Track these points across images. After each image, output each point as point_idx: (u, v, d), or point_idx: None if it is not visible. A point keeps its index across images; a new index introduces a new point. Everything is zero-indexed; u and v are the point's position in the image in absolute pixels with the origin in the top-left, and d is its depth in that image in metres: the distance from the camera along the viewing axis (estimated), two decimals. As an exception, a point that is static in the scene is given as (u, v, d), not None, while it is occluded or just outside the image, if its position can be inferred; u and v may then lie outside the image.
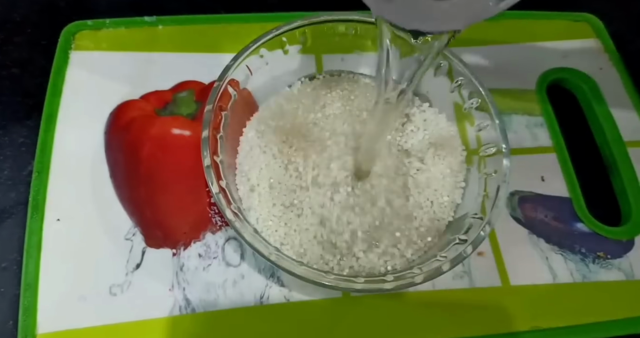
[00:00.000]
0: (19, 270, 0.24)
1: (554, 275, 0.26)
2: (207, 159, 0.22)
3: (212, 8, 0.33)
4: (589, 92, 0.32)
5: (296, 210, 0.24)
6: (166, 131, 0.28)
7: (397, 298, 0.25)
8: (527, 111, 0.31)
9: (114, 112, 0.28)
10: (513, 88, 0.31)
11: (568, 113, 0.32)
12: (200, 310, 0.24)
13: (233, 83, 0.24)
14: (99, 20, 0.31)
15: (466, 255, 0.21)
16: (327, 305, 0.24)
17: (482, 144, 0.25)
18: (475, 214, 0.23)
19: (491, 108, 0.24)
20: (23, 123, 0.28)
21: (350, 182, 0.24)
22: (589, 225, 0.27)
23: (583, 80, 0.32)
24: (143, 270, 0.24)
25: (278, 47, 0.25)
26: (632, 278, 0.26)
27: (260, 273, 0.25)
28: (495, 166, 0.23)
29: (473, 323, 0.24)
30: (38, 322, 0.23)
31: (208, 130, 0.22)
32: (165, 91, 0.29)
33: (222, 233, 0.26)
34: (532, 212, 0.28)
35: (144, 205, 0.26)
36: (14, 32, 0.31)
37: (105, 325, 0.23)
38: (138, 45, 0.31)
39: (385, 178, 0.25)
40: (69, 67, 0.29)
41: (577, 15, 0.35)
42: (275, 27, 0.25)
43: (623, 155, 0.30)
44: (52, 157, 0.27)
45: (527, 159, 0.29)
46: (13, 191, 0.26)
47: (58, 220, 0.25)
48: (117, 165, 0.27)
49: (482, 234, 0.21)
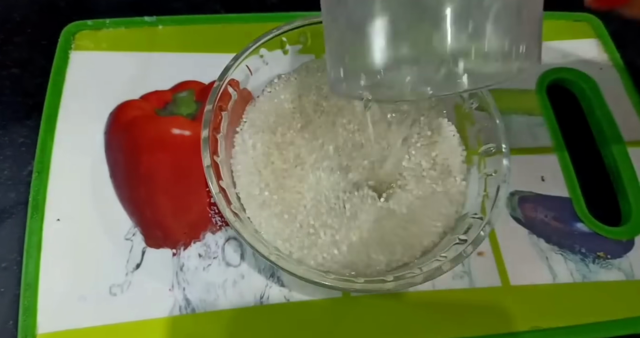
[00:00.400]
0: (19, 270, 0.24)
1: (554, 275, 0.26)
2: (207, 159, 0.22)
3: (212, 8, 0.34)
4: (589, 92, 0.32)
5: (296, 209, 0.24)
6: (166, 131, 0.28)
7: (397, 298, 0.25)
8: (527, 111, 0.31)
9: (114, 112, 0.28)
10: (513, 88, 0.31)
11: (568, 113, 0.32)
12: (200, 310, 0.24)
13: (233, 83, 0.24)
14: (99, 20, 0.31)
15: (466, 255, 0.21)
16: (327, 305, 0.24)
17: (482, 144, 0.25)
18: (475, 214, 0.23)
19: (491, 108, 0.24)
20: (23, 123, 0.28)
21: (350, 181, 0.24)
22: (589, 225, 0.27)
23: (583, 80, 0.32)
24: (143, 270, 0.24)
25: (278, 47, 0.25)
26: (632, 278, 0.26)
27: (260, 273, 0.25)
28: (495, 166, 0.23)
29: (473, 323, 0.25)
30: (38, 322, 0.23)
31: (208, 130, 0.22)
32: (165, 91, 0.29)
33: (222, 233, 0.26)
34: (532, 212, 0.28)
35: (144, 205, 0.26)
36: (14, 32, 0.31)
37: (105, 325, 0.23)
38: (138, 45, 0.31)
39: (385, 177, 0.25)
40: (69, 67, 0.29)
41: (577, 15, 0.35)
42: (275, 27, 0.25)
43: (623, 155, 0.30)
44: (52, 157, 0.27)
45: (527, 159, 0.29)
46: (13, 191, 0.26)
47: (58, 220, 0.25)
48: (117, 165, 0.27)
49: (482, 234, 0.21)
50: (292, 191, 0.24)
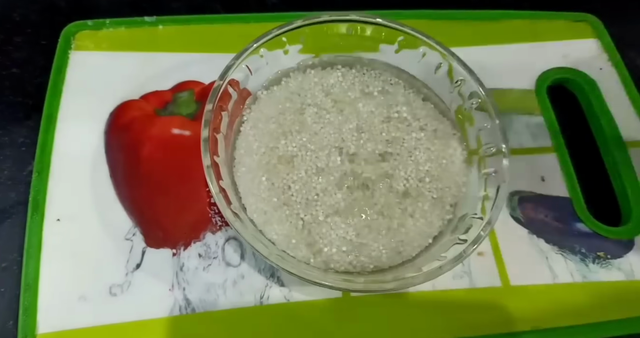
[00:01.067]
0: (19, 270, 0.24)
1: (554, 275, 0.26)
2: (207, 159, 0.22)
3: (212, 8, 0.34)
4: (589, 92, 0.32)
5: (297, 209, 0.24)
6: (166, 131, 0.28)
7: (397, 298, 0.25)
8: (527, 111, 0.31)
9: (114, 112, 0.28)
10: (513, 88, 0.31)
11: (568, 113, 0.32)
12: (200, 310, 0.24)
13: (233, 83, 0.24)
14: (99, 21, 0.31)
15: (466, 255, 0.21)
16: (327, 305, 0.24)
17: (482, 144, 0.25)
18: (475, 214, 0.23)
19: (491, 108, 0.24)
20: (23, 123, 0.28)
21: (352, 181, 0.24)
22: (589, 225, 0.27)
23: (583, 80, 0.32)
24: (143, 270, 0.24)
25: (278, 47, 0.25)
26: (632, 278, 0.26)
27: (260, 273, 0.25)
28: (495, 166, 0.23)
29: (473, 323, 0.24)
30: (38, 322, 0.23)
31: (208, 130, 0.22)
32: (165, 91, 0.29)
33: (222, 233, 0.26)
34: (532, 212, 0.28)
35: (144, 205, 0.26)
36: (14, 32, 0.31)
37: (105, 325, 0.23)
38: (138, 45, 0.31)
39: (385, 177, 0.25)
40: (69, 67, 0.29)
41: (577, 15, 0.35)
42: (275, 27, 0.25)
43: (623, 155, 0.30)
44: (52, 157, 0.27)
45: (527, 159, 0.29)
46: (13, 191, 0.26)
47: (58, 220, 0.25)
48: (117, 165, 0.27)
49: (482, 234, 0.21)
50: (294, 191, 0.24)
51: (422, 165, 0.25)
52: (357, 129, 0.26)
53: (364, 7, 0.33)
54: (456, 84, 0.25)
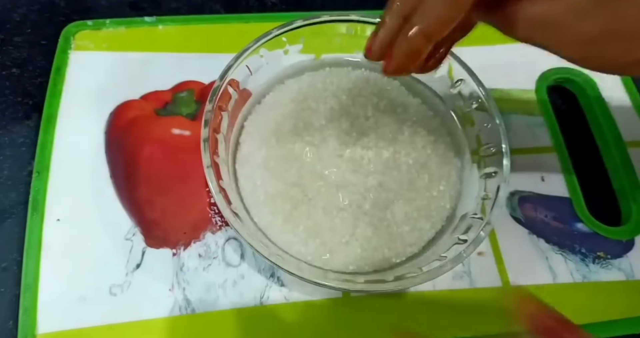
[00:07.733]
0: (19, 270, 0.24)
1: (554, 275, 0.26)
2: (207, 159, 0.22)
3: (212, 8, 0.34)
4: (589, 92, 0.32)
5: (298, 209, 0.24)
6: (166, 131, 0.28)
7: (397, 298, 0.25)
8: (527, 111, 0.31)
9: (114, 112, 0.28)
10: (513, 88, 0.32)
11: (568, 113, 0.32)
12: (200, 310, 0.24)
13: (233, 83, 0.24)
14: (99, 20, 0.31)
15: (466, 255, 0.21)
16: (327, 305, 0.24)
17: (482, 144, 0.25)
18: (475, 214, 0.23)
19: (491, 108, 0.24)
20: (23, 123, 0.28)
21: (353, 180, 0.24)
22: (589, 225, 0.28)
23: (583, 80, 0.32)
24: (143, 270, 0.24)
25: (278, 47, 0.25)
26: (632, 278, 0.26)
27: (260, 273, 0.25)
28: (495, 166, 0.23)
29: (473, 323, 0.24)
30: (38, 322, 0.23)
31: (208, 130, 0.22)
32: (165, 91, 0.29)
33: (222, 233, 0.26)
34: (532, 212, 0.28)
35: (144, 205, 0.26)
36: (14, 32, 0.31)
37: (105, 325, 0.23)
38: (138, 45, 0.31)
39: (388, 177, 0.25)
40: (69, 67, 0.29)
41: (577, 15, 0.35)
42: (275, 27, 0.25)
43: (623, 155, 0.30)
44: (52, 157, 0.27)
45: (527, 159, 0.29)
46: (13, 191, 0.26)
47: (58, 220, 0.25)
48: (117, 165, 0.27)
49: (482, 234, 0.21)
50: (295, 191, 0.24)
51: (421, 165, 0.25)
52: (357, 129, 0.26)
53: (364, 7, 0.34)
54: (456, 84, 0.25)
